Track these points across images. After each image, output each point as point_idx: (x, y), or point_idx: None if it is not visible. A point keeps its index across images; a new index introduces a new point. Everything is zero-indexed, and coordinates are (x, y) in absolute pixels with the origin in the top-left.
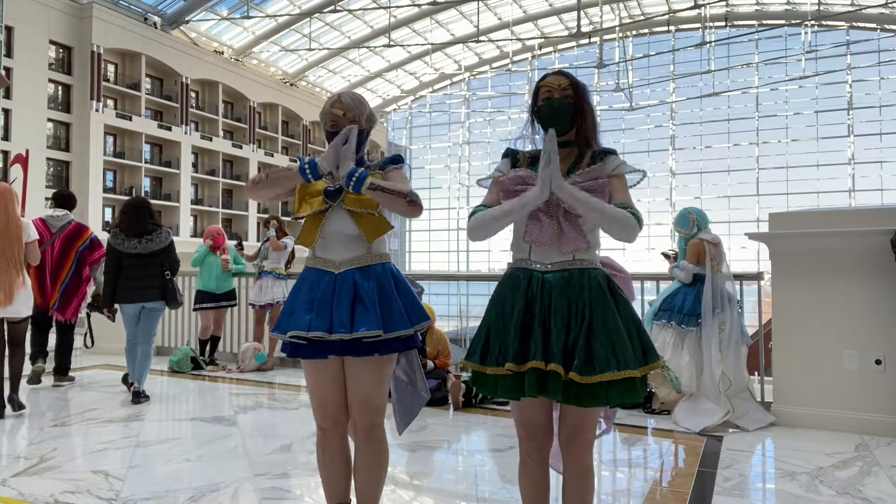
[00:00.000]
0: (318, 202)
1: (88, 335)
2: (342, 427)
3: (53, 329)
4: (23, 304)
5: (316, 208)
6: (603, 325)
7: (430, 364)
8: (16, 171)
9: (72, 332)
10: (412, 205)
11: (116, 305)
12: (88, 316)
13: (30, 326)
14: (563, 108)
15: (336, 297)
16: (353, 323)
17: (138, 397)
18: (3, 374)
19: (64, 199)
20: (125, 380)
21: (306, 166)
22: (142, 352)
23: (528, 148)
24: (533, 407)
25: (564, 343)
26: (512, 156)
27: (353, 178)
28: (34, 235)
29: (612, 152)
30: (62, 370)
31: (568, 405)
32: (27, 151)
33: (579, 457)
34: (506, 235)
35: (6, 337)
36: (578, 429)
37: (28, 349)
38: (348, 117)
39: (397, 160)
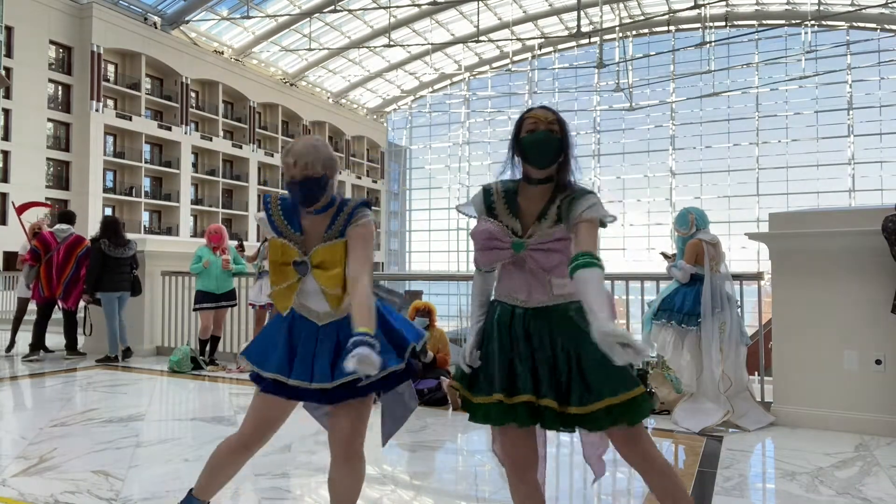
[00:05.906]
0: (290, 273)
1: (88, 324)
2: (262, 444)
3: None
4: None
5: (290, 280)
6: (590, 356)
7: (431, 354)
8: (31, 212)
9: (75, 317)
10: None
11: (98, 294)
12: (86, 308)
13: (36, 317)
14: (549, 141)
15: (318, 348)
16: (333, 372)
17: (128, 352)
18: None
19: (65, 216)
20: (106, 358)
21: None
22: (122, 323)
23: (506, 176)
24: (518, 437)
25: (554, 379)
26: (485, 195)
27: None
28: None
29: (587, 192)
30: (71, 347)
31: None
32: (21, 206)
33: (649, 460)
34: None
35: None
36: (631, 441)
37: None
38: (299, 165)
39: (365, 207)
